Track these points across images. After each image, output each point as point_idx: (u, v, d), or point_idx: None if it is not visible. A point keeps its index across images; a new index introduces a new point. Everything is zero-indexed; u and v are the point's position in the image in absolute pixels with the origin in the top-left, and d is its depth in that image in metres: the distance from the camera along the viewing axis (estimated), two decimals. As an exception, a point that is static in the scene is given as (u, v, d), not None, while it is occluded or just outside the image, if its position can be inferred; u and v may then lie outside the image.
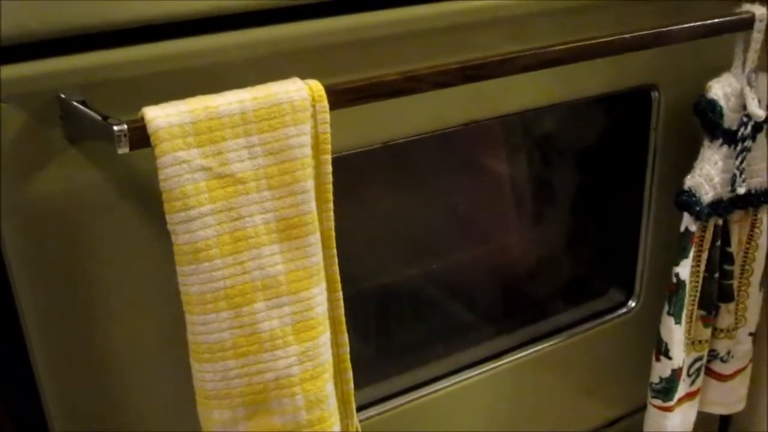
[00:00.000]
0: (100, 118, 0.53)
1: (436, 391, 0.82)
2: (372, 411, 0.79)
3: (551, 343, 0.89)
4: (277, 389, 0.59)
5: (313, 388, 0.60)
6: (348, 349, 0.66)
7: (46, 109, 0.55)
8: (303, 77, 0.58)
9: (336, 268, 0.63)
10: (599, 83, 0.79)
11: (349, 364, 0.66)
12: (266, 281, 0.57)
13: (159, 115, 0.53)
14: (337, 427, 0.62)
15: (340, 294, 0.64)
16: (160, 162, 0.53)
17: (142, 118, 0.53)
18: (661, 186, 0.87)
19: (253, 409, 0.59)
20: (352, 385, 0.67)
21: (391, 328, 0.87)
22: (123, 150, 0.54)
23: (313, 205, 0.58)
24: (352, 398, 0.67)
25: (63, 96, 0.55)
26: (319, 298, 0.60)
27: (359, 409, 0.78)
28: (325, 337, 0.60)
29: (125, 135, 0.53)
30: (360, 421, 0.78)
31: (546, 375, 0.90)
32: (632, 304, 0.93)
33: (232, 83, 0.57)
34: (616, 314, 0.93)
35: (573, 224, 0.94)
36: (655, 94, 0.83)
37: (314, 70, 0.60)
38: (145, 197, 0.59)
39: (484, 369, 0.84)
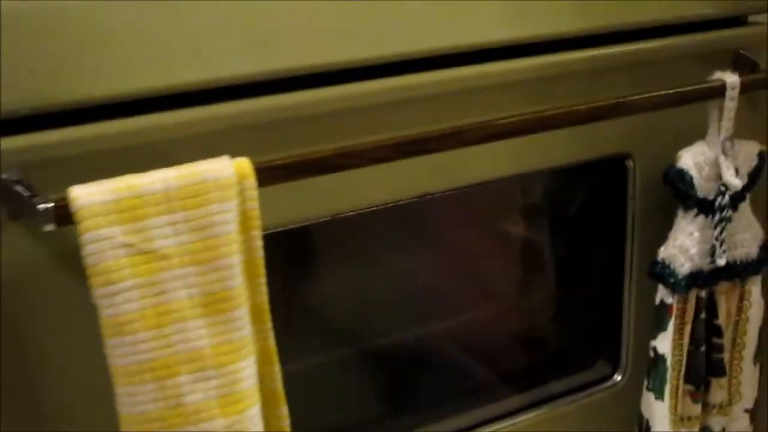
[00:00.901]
0: (27, 196, 0.56)
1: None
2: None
3: (533, 414, 0.87)
4: (202, 467, 0.59)
5: (242, 467, 0.60)
6: (288, 423, 0.66)
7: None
8: (243, 154, 0.59)
9: (272, 342, 0.63)
10: (567, 153, 0.78)
11: (288, 433, 0.66)
12: (191, 354, 0.58)
13: (82, 194, 0.55)
14: None
15: (277, 367, 0.64)
16: (83, 239, 0.55)
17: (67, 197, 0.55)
18: (641, 257, 0.85)
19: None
20: (293, 459, 0.67)
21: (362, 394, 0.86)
22: (49, 227, 0.56)
23: (238, 280, 0.59)
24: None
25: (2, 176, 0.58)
26: (247, 371, 0.60)
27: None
28: (254, 411, 0.61)
29: (51, 213, 0.56)
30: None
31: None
32: (618, 377, 0.90)
33: (173, 161, 0.59)
34: (601, 387, 0.90)
35: (555, 295, 0.92)
36: (629, 164, 0.82)
37: (255, 146, 0.62)
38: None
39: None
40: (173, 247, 0.57)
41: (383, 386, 0.86)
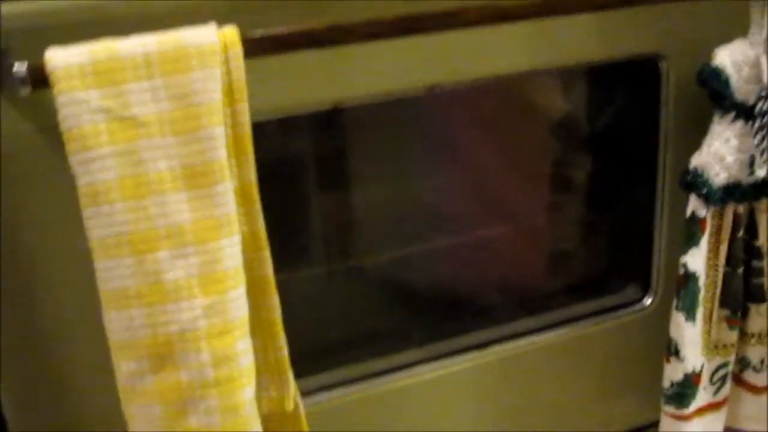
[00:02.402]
0: (5, 62, 0.55)
1: (425, 372, 0.78)
2: (355, 389, 0.76)
3: (556, 333, 0.82)
4: (181, 342, 0.57)
5: (221, 345, 0.58)
6: (279, 313, 0.63)
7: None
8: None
9: (261, 225, 0.61)
10: (591, 49, 0.73)
11: (280, 329, 0.63)
12: (171, 229, 0.56)
13: (57, 56, 0.53)
14: (250, 389, 0.59)
15: (267, 253, 0.61)
16: (58, 102, 0.54)
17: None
18: (674, 170, 0.79)
19: (158, 363, 0.58)
20: (285, 352, 0.64)
21: (385, 307, 0.83)
22: (25, 91, 0.55)
23: (222, 153, 0.56)
24: (287, 366, 0.65)
25: (-17, 42, 0.57)
26: (229, 250, 0.57)
27: (340, 385, 0.76)
28: (237, 293, 0.58)
29: (26, 75, 0.54)
30: (323, 402, 0.76)
31: (550, 368, 0.83)
32: (648, 300, 0.85)
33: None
34: (630, 310, 0.85)
35: (583, 214, 0.87)
36: (663, 66, 0.76)
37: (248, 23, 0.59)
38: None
39: (474, 357, 0.79)
40: (152, 114, 0.55)
41: (402, 300, 0.83)
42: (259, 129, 0.59)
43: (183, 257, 0.56)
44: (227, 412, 0.58)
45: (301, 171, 0.77)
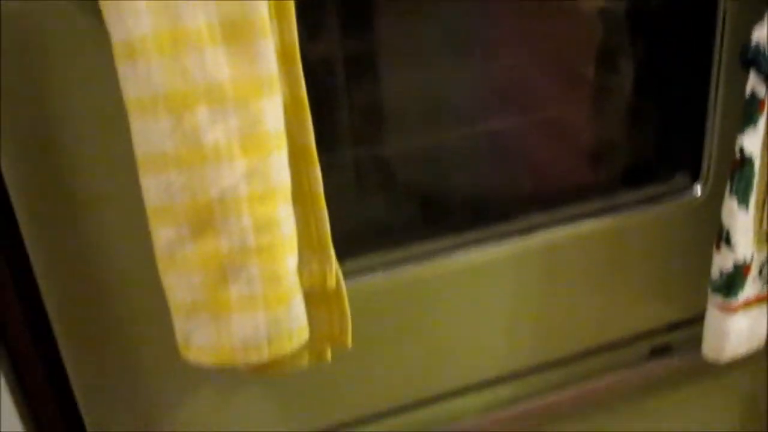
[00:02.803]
0: None
1: (464, 256, 0.76)
2: (381, 274, 0.74)
3: (600, 222, 0.79)
4: (222, 208, 0.55)
5: (262, 210, 0.55)
6: (321, 185, 0.61)
7: None
8: None
9: (302, 88, 0.58)
10: None
11: (323, 202, 0.61)
12: (210, 87, 0.53)
13: None
14: (292, 258, 0.57)
15: (309, 120, 0.59)
16: (90, -52, 0.51)
17: None
18: (732, 48, 0.75)
19: (198, 229, 0.55)
20: (327, 226, 0.62)
21: (422, 188, 0.80)
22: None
23: (262, 6, 0.53)
24: (329, 241, 0.63)
25: None
26: (271, 111, 0.55)
27: (369, 270, 0.74)
28: (279, 157, 0.56)
29: None
30: (363, 283, 0.74)
31: (592, 258, 0.81)
32: (698, 189, 0.82)
33: None
34: (678, 199, 0.82)
35: (631, 97, 0.83)
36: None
37: None
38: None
39: (514, 244, 0.77)
40: (190, -37, 0.52)
41: (441, 187, 0.80)
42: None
43: (222, 117, 0.54)
44: (269, 281, 0.57)
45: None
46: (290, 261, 0.57)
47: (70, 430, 0.72)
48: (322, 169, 0.61)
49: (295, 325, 0.58)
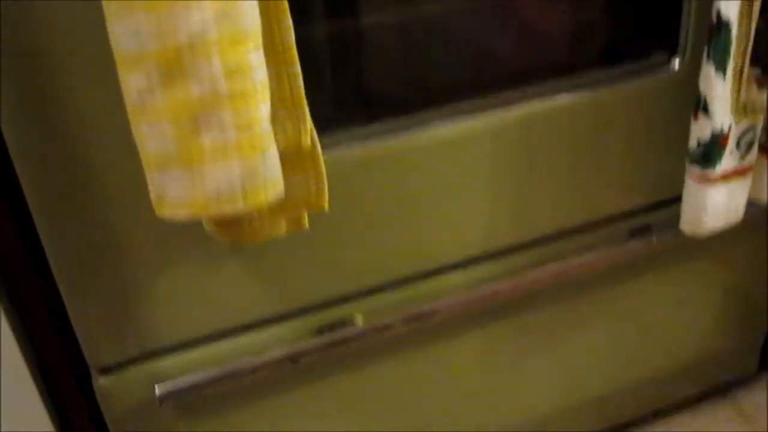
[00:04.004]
0: None
1: (442, 129, 0.75)
2: (359, 146, 0.73)
3: (577, 96, 0.79)
4: (191, 52, 0.54)
5: (233, 55, 0.54)
6: (293, 37, 0.59)
7: None
8: None
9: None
10: None
11: (295, 55, 0.60)
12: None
13: None
14: (264, 105, 0.56)
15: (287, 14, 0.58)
16: None
17: None
18: None
19: (168, 76, 0.54)
20: (300, 81, 0.61)
21: (401, 62, 0.79)
22: None
23: None
24: (302, 98, 0.62)
25: None
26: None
27: (347, 143, 0.74)
28: (249, 2, 0.55)
29: None
30: (341, 154, 0.73)
31: (571, 132, 0.80)
32: (676, 62, 0.81)
33: None
34: (656, 73, 0.81)
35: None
36: None
37: None
38: None
39: (494, 115, 0.76)
40: None
41: (421, 59, 0.79)
42: None
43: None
44: (242, 128, 0.56)
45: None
46: (263, 108, 0.56)
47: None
48: (298, 41, 0.60)
49: (270, 174, 0.58)
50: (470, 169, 0.78)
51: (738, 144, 0.80)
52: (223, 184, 0.56)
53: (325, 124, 0.69)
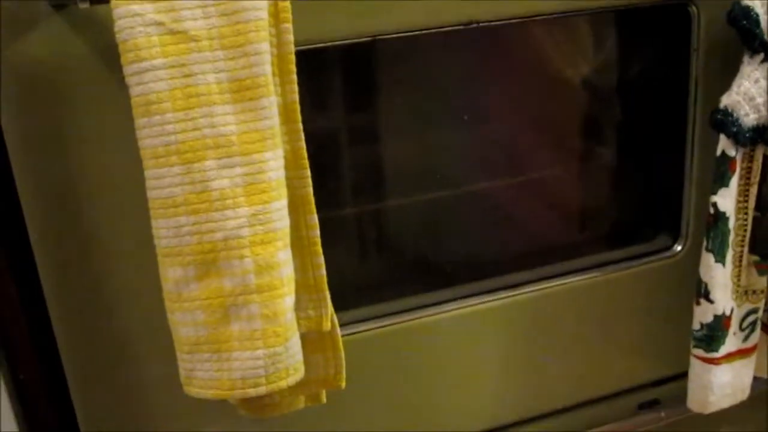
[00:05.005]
0: (67, -25, 0.58)
1: (455, 309, 0.80)
2: (375, 324, 0.78)
3: (586, 277, 0.83)
4: (226, 250, 0.60)
5: (263, 253, 0.60)
6: (318, 232, 0.65)
7: (31, -24, 0.61)
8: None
9: (302, 143, 0.63)
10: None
11: (319, 248, 0.66)
12: (218, 140, 0.59)
13: (116, -30, 0.57)
14: (289, 298, 0.62)
15: (308, 172, 0.64)
16: (115, 14, 0.57)
17: (103, -24, 0.57)
18: (705, 114, 0.80)
19: (203, 269, 0.60)
20: (323, 271, 0.66)
21: (417, 244, 0.85)
22: (84, 4, 0.58)
23: (267, 68, 0.59)
24: (324, 285, 0.67)
25: (47, -38, 0.60)
26: (272, 163, 0.60)
27: (364, 321, 0.78)
28: (279, 204, 0.61)
29: (86, -11, 0.58)
30: (359, 333, 0.78)
31: (579, 312, 0.84)
32: (678, 247, 0.86)
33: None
34: (660, 257, 0.86)
35: (614, 161, 0.88)
36: (693, 10, 0.78)
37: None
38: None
39: (500, 297, 0.81)
40: (203, 29, 0.58)
41: (434, 241, 0.85)
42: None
43: (229, 167, 0.59)
44: (268, 319, 0.61)
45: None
46: (288, 301, 0.62)
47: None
48: (321, 223, 0.66)
49: (292, 361, 0.62)
50: (481, 346, 0.82)
51: (741, 326, 0.84)
52: (249, 370, 0.61)
53: (345, 302, 0.74)
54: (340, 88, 0.77)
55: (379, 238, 0.83)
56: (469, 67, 0.80)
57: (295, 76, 0.62)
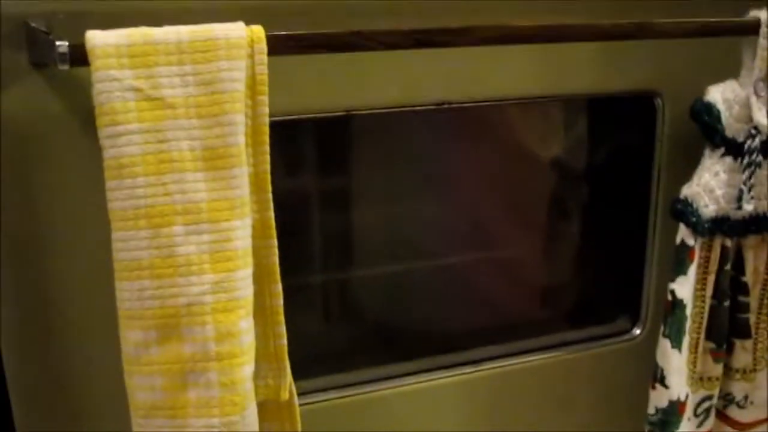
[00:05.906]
0: (49, 39, 0.59)
1: (416, 382, 0.80)
2: (335, 395, 0.78)
3: (545, 356, 0.84)
4: (188, 315, 0.60)
5: (225, 321, 0.60)
6: (281, 302, 0.66)
7: (13, 35, 0.61)
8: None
9: (271, 213, 0.64)
10: (593, 81, 0.77)
11: (281, 318, 0.66)
12: (187, 206, 0.59)
13: (97, 36, 0.58)
14: (249, 367, 0.62)
15: (275, 242, 0.65)
16: (94, 77, 0.58)
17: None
18: (666, 204, 0.82)
19: (164, 334, 0.60)
20: (284, 341, 0.67)
21: (381, 315, 0.85)
22: (64, 66, 0.59)
23: (240, 138, 0.60)
24: (285, 355, 0.67)
25: (29, 23, 0.61)
26: (240, 232, 0.61)
27: (324, 390, 0.78)
28: (244, 273, 0.61)
29: (67, 52, 0.58)
30: (318, 402, 0.78)
31: (538, 391, 0.85)
32: (637, 331, 0.87)
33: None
34: (618, 340, 0.87)
35: (577, 242, 0.90)
36: (658, 102, 0.80)
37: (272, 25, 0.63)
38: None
39: (461, 372, 0.81)
40: (180, 97, 0.59)
41: (394, 314, 0.86)
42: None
43: (196, 233, 0.60)
44: (226, 387, 0.61)
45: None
46: (247, 369, 0.62)
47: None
48: (285, 291, 0.66)
49: (247, 430, 0.62)
50: (440, 422, 0.82)
51: (695, 412, 0.85)
52: (203, 437, 0.61)
53: (304, 371, 0.74)
54: (312, 159, 0.79)
55: (344, 308, 0.84)
56: (440, 143, 0.82)
57: (267, 147, 0.63)
